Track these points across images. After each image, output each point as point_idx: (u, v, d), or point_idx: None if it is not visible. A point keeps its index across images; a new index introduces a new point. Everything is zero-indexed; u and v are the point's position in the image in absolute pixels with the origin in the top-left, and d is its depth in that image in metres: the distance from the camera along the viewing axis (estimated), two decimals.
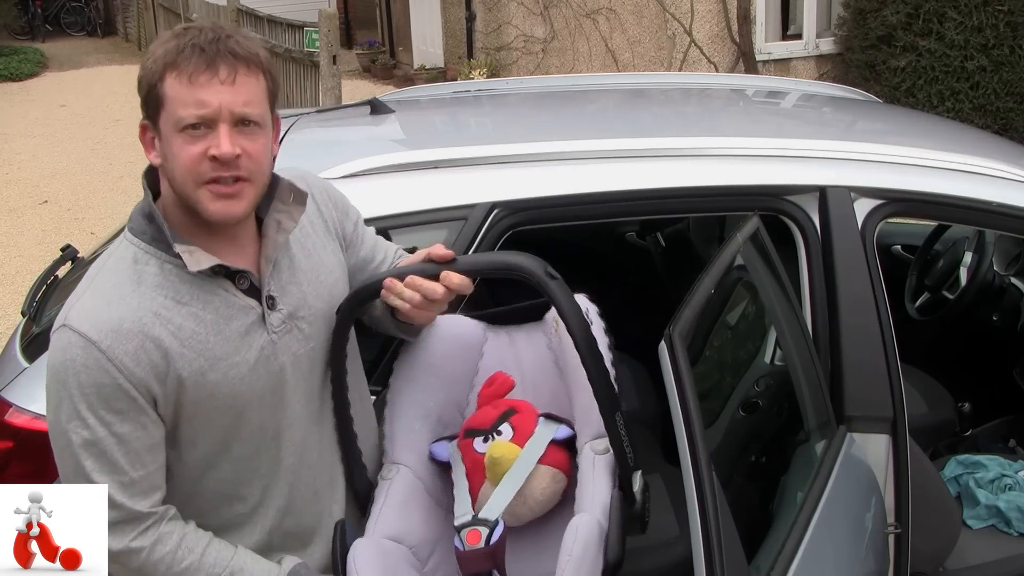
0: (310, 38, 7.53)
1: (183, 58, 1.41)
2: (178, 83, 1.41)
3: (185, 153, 1.42)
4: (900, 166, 2.24)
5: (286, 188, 1.56)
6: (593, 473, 1.58)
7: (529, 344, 1.87)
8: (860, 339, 2.10)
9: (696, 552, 1.47)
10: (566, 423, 1.71)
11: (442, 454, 1.76)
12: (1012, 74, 6.51)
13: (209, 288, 1.50)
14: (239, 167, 1.43)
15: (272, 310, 1.54)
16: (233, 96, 1.42)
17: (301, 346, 1.59)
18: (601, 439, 1.61)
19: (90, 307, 1.46)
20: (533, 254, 1.56)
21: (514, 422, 1.70)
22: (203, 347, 1.48)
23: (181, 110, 1.41)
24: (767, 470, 2.12)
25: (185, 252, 1.46)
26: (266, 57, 1.49)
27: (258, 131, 1.46)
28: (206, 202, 1.44)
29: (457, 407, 1.84)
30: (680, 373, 1.51)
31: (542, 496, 1.66)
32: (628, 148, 2.24)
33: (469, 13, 10.51)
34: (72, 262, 2.70)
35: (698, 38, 7.78)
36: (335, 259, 1.67)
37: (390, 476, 1.71)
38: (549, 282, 1.53)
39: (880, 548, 2.06)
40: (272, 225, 1.54)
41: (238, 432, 1.55)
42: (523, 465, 1.65)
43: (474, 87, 3.53)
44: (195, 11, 12.23)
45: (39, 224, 7.25)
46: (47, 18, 19.12)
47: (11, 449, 1.97)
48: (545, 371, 1.83)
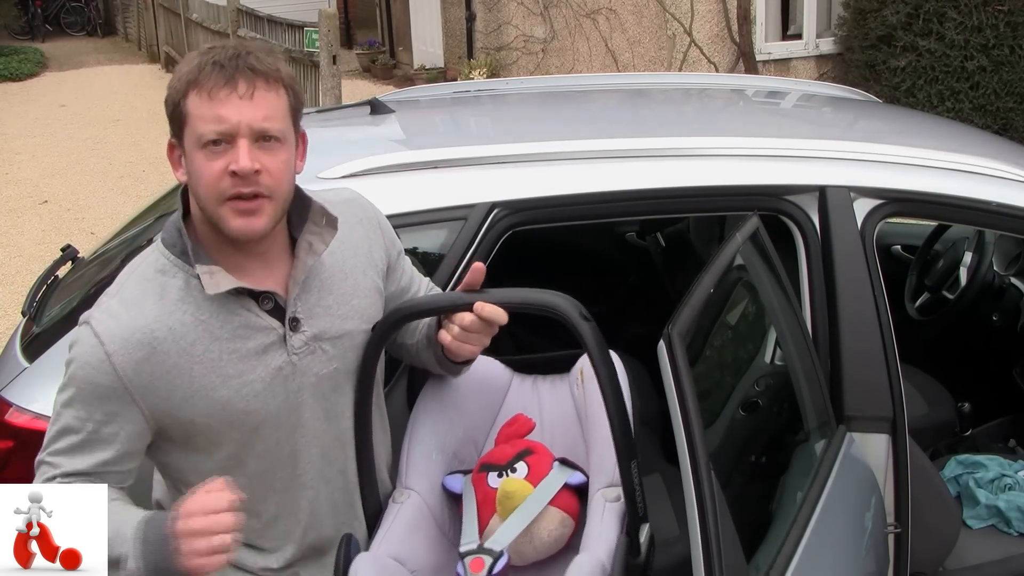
0: (310, 38, 7.53)
1: (204, 75, 1.43)
2: (199, 100, 1.43)
3: (207, 169, 1.44)
4: (900, 166, 2.24)
5: (319, 211, 1.57)
6: (602, 518, 1.61)
7: (552, 393, 1.92)
8: (860, 339, 2.10)
9: (695, 552, 1.47)
10: (580, 470, 1.74)
11: (455, 486, 1.78)
12: (1012, 74, 6.51)
13: (230, 307, 1.51)
14: (258, 183, 1.45)
15: (295, 332, 1.55)
16: (252, 111, 1.43)
17: (324, 367, 1.59)
18: (613, 488, 1.64)
19: (113, 311, 1.50)
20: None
21: (530, 462, 1.74)
22: (215, 364, 1.50)
23: (201, 126, 1.43)
24: (767, 470, 2.12)
25: (206, 274, 1.48)
26: (288, 73, 1.51)
27: (279, 146, 1.47)
28: (228, 219, 1.46)
29: (475, 445, 1.87)
30: (679, 373, 1.51)
31: (548, 537, 1.68)
32: (628, 148, 2.24)
33: (469, 13, 10.51)
34: (72, 262, 2.70)
35: (698, 38, 7.78)
36: (371, 285, 1.68)
37: (401, 500, 1.73)
38: (582, 323, 1.56)
39: (880, 548, 2.06)
40: (304, 247, 1.55)
41: (252, 448, 1.57)
42: (534, 503, 1.68)
43: (474, 87, 3.53)
44: (195, 11, 12.22)
45: (39, 224, 7.25)
46: (47, 18, 19.12)
47: (11, 449, 1.97)
48: (565, 421, 1.87)
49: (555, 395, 1.92)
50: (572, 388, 1.90)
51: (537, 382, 1.95)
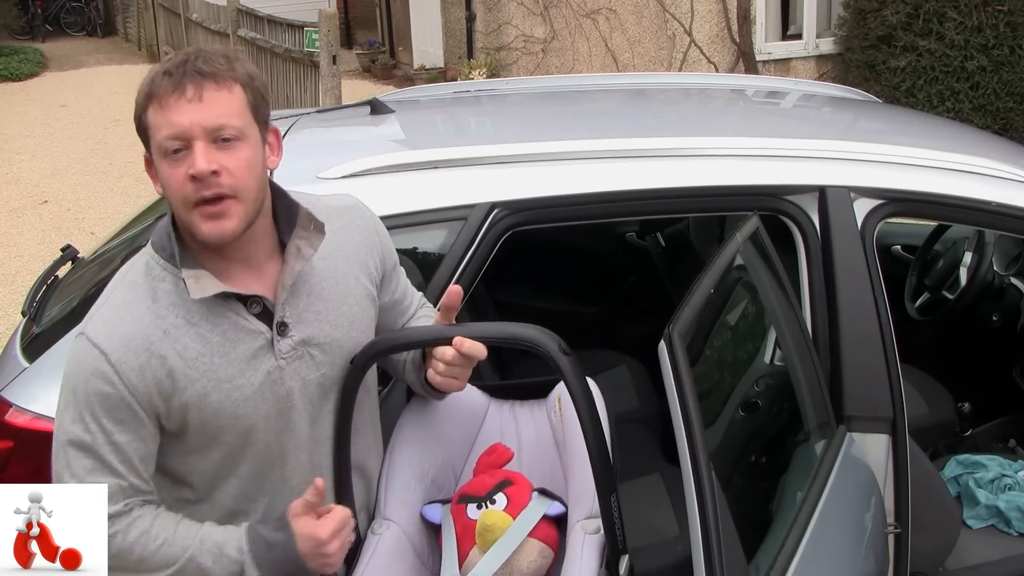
0: (310, 38, 7.53)
1: (155, 86, 1.45)
2: (154, 110, 1.45)
3: (171, 178, 1.45)
4: (900, 166, 2.24)
5: (305, 215, 1.57)
6: (582, 551, 1.61)
7: (530, 419, 1.92)
8: (860, 339, 2.10)
9: (696, 552, 1.47)
10: (559, 500, 1.74)
11: (433, 516, 1.78)
12: (1012, 74, 6.51)
13: (219, 311, 1.52)
14: (220, 184, 1.44)
15: (283, 336, 1.56)
16: (203, 112, 1.43)
17: (311, 372, 1.60)
18: (593, 519, 1.64)
19: (107, 319, 1.50)
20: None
21: (509, 493, 1.73)
22: (206, 368, 1.51)
23: (158, 135, 1.45)
24: (767, 470, 2.12)
25: (191, 278, 1.48)
26: (245, 72, 1.50)
27: (239, 145, 1.46)
28: (198, 224, 1.46)
29: (453, 472, 1.87)
30: (680, 373, 1.51)
31: (528, 569, 1.67)
32: (628, 148, 2.24)
33: (469, 13, 10.51)
34: (72, 262, 2.70)
35: (698, 38, 7.78)
36: (364, 292, 1.68)
37: (380, 531, 1.72)
38: (561, 357, 1.56)
39: (880, 548, 2.06)
40: (292, 251, 1.56)
41: (244, 451, 1.58)
42: (513, 536, 1.68)
43: (474, 87, 3.53)
44: (195, 11, 12.22)
45: (39, 224, 7.25)
46: (47, 18, 19.12)
47: (11, 449, 1.97)
48: (542, 447, 1.88)
49: (533, 421, 1.92)
50: (550, 414, 1.90)
51: (515, 407, 1.95)
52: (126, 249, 2.51)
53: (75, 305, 2.31)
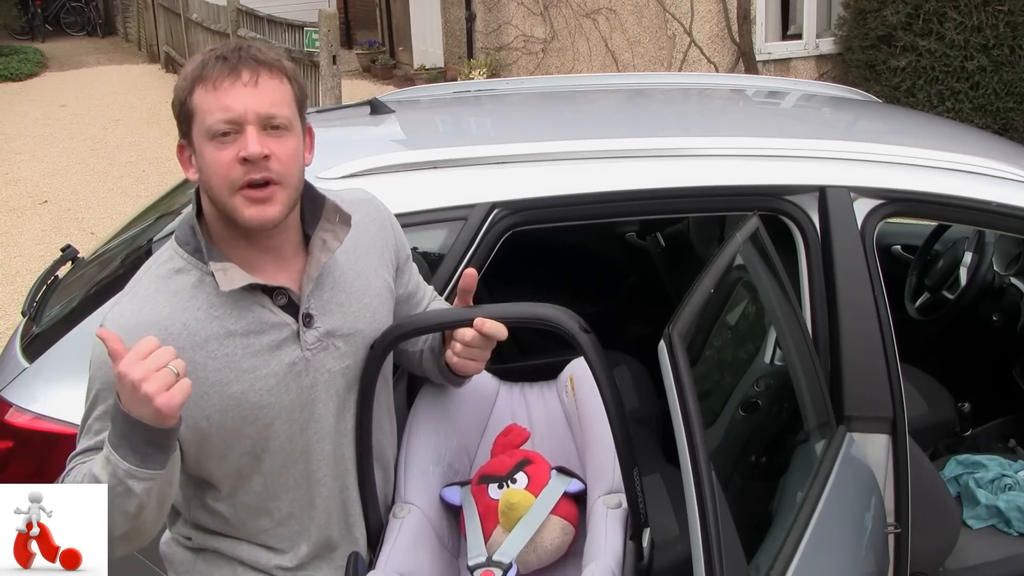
0: (310, 38, 7.54)
1: (208, 69, 1.46)
2: (205, 93, 1.45)
3: (217, 160, 1.45)
4: (900, 166, 2.24)
5: (332, 208, 1.58)
6: (606, 525, 1.63)
7: (540, 400, 1.94)
8: (860, 339, 2.10)
9: (695, 552, 1.47)
10: (578, 478, 1.77)
11: (453, 498, 1.80)
12: (1012, 74, 6.51)
13: (244, 303, 1.52)
14: (268, 168, 1.46)
15: (308, 328, 1.56)
16: (258, 98, 1.45)
17: (336, 363, 1.61)
18: (613, 495, 1.67)
19: (125, 310, 1.52)
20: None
21: (529, 472, 1.76)
22: (229, 359, 1.52)
23: (208, 118, 1.45)
24: (767, 470, 2.12)
25: (219, 270, 1.49)
26: (291, 66, 1.53)
27: (286, 134, 1.48)
28: (241, 209, 1.47)
29: (467, 455, 1.89)
30: (680, 373, 1.51)
31: (551, 546, 1.70)
32: (628, 148, 2.24)
33: (469, 13, 10.51)
34: (72, 262, 2.70)
35: (698, 38, 7.78)
36: (384, 284, 1.69)
37: (402, 515, 1.74)
38: (582, 335, 1.58)
39: (880, 548, 2.06)
40: (317, 244, 1.57)
41: (268, 444, 1.58)
42: (537, 513, 1.71)
43: (474, 87, 3.53)
44: (195, 11, 12.22)
45: (39, 224, 7.25)
46: (47, 18, 19.13)
47: (11, 449, 1.97)
48: (554, 426, 1.90)
49: (543, 402, 1.94)
50: (561, 395, 1.92)
51: (524, 389, 1.97)
52: (126, 249, 2.52)
53: (75, 305, 2.31)
